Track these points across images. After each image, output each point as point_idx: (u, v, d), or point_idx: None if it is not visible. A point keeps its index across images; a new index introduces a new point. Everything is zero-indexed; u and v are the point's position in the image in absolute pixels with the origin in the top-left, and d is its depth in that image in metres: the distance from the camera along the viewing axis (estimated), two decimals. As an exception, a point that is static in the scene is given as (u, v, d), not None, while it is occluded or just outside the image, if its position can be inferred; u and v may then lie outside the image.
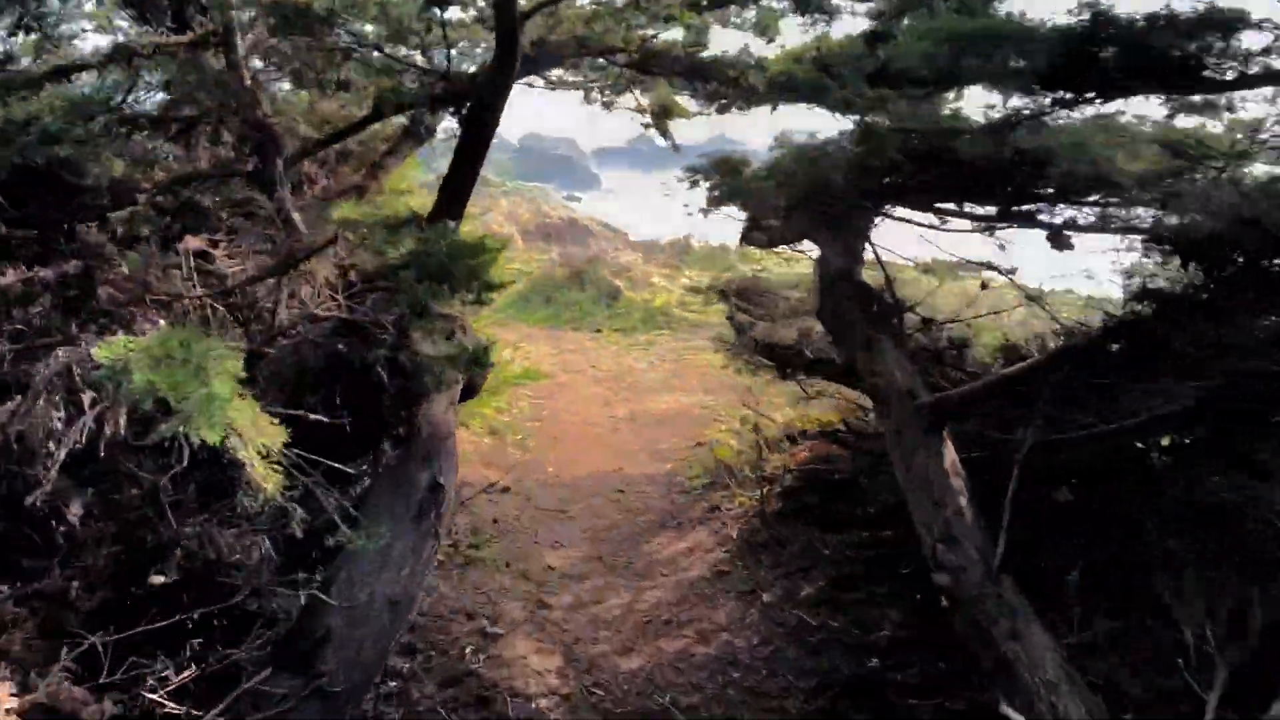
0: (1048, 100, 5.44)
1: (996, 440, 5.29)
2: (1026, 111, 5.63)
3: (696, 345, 14.61)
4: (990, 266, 6.48)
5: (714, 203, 8.68)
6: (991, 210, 6.83)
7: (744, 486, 8.53)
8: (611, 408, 11.66)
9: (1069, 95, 5.27)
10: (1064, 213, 6.84)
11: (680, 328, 15.71)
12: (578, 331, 15.82)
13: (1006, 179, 6.47)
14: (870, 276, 6.82)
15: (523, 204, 32.39)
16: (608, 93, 9.76)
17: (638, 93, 8.75)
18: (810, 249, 8.66)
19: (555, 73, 9.60)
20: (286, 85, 7.93)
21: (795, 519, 7.74)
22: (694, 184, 8.69)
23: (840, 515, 7.47)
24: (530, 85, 9.75)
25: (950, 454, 4.95)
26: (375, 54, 5.65)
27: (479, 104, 5.69)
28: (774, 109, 8.68)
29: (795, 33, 8.15)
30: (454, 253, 4.52)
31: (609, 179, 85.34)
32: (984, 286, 6.42)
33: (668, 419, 11.19)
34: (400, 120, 8.82)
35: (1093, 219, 6.87)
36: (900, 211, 6.73)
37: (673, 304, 16.39)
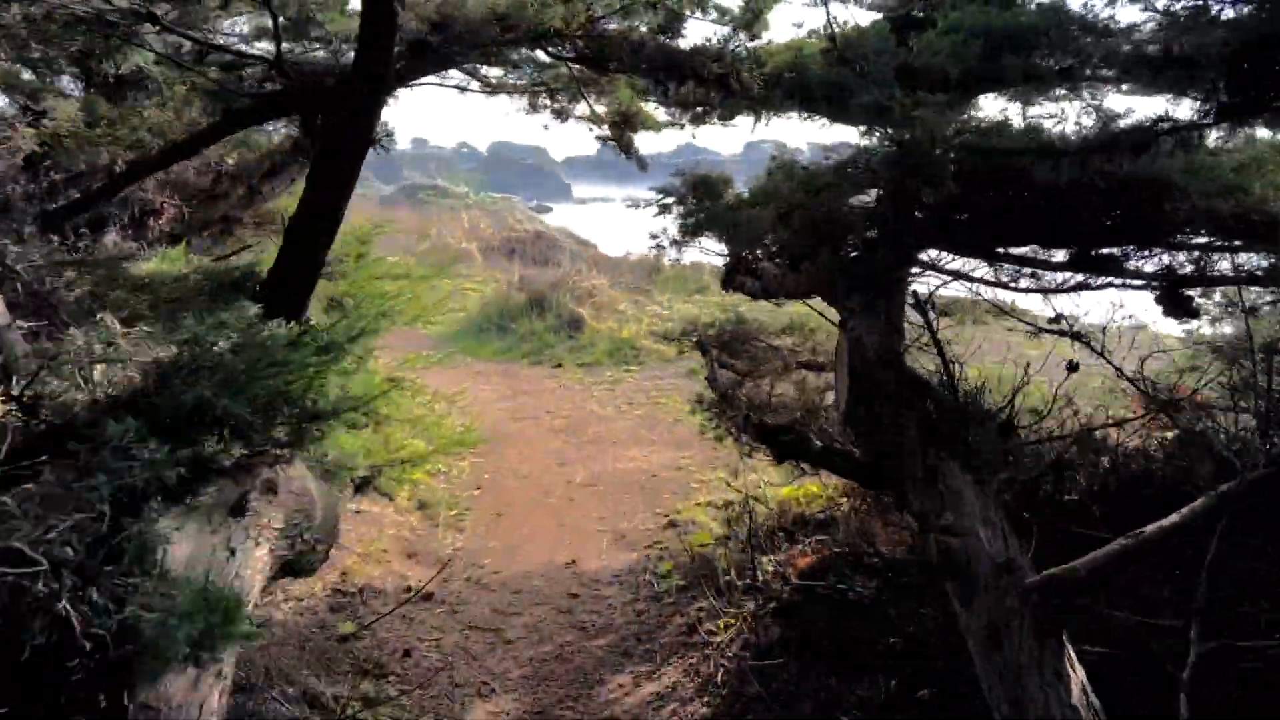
0: (1203, 110, 3.54)
1: (1127, 628, 3.33)
2: (1168, 124, 3.71)
3: (668, 385, 12.65)
4: (1075, 335, 4.54)
5: (688, 233, 6.77)
6: (1060, 256, 4.93)
7: (728, 594, 6.53)
8: (569, 468, 9.65)
9: (1246, 99, 3.34)
10: (1158, 258, 4.96)
11: (650, 362, 13.73)
12: (536, 366, 13.80)
13: (1098, 215, 4.56)
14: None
15: (486, 217, 30.40)
16: (560, 98, 7.76)
17: (593, 98, 6.75)
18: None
19: (493, 73, 7.60)
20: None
21: (798, 651, 5.75)
22: (663, 208, 6.79)
23: (859, 649, 5.50)
24: (462, 89, 7.75)
25: (1078, 676, 2.98)
26: (151, 30, 3.63)
27: (343, 109, 3.67)
28: (758, 120, 6.84)
29: (780, 30, 6.22)
30: (252, 363, 2.50)
31: (580, 190, 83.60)
32: (1073, 369, 4.47)
33: (634, 484, 9.19)
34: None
35: (1189, 267, 5.01)
36: (947, 262, 4.81)
37: (641, 335, 14.39)
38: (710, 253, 7.12)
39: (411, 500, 8.70)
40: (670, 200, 6.69)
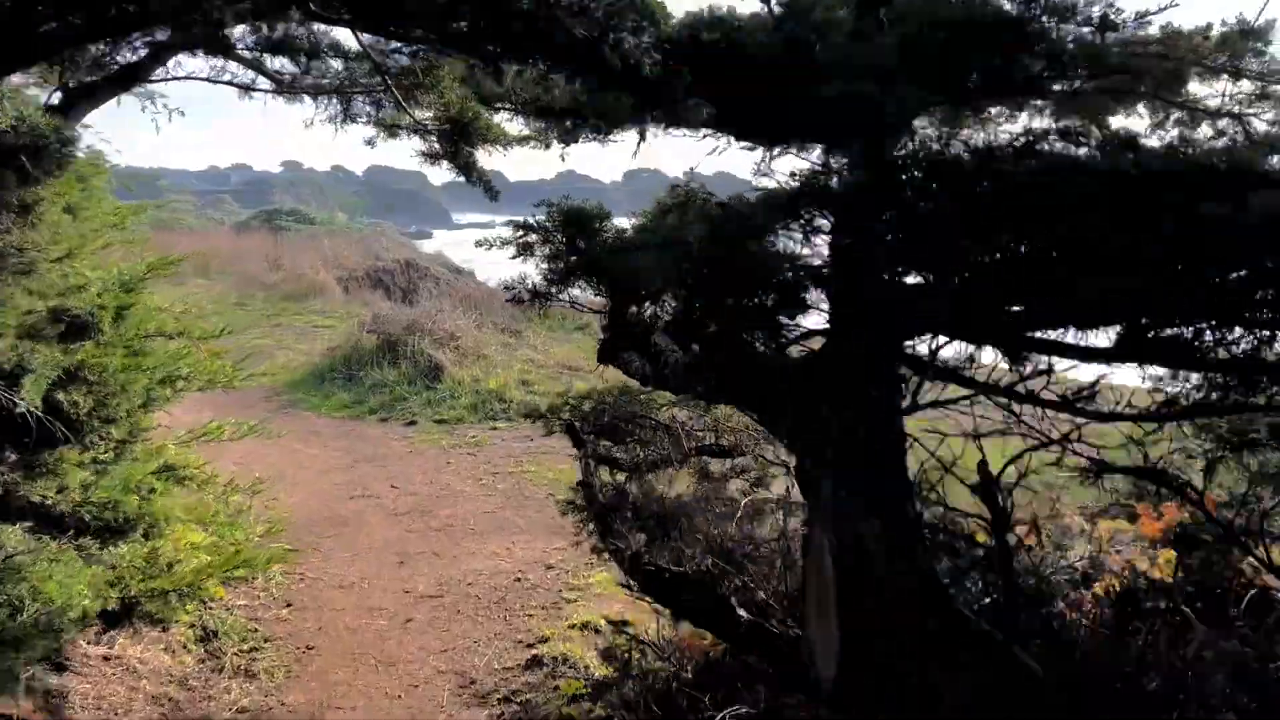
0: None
1: None
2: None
3: (540, 445, 10.58)
4: (1163, 479, 2.74)
5: (555, 281, 4.86)
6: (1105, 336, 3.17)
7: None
8: (410, 570, 7.48)
9: None
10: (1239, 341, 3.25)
11: (520, 416, 11.64)
12: (385, 424, 11.54)
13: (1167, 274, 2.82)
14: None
15: (352, 245, 27.79)
16: (386, 106, 5.71)
17: (417, 104, 4.74)
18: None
19: (284, 66, 5.52)
20: None
21: None
22: (524, 249, 4.83)
23: None
24: (246, 88, 5.63)
25: None
26: None
27: None
28: (643, 137, 5.12)
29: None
30: None
31: (460, 215, 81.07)
32: (1189, 541, 2.66)
33: (492, 593, 7.11)
34: None
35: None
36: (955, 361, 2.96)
37: (511, 384, 12.31)
38: (583, 309, 5.17)
39: (195, 628, 6.40)
40: (532, 239, 4.76)
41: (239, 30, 4.93)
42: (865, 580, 2.14)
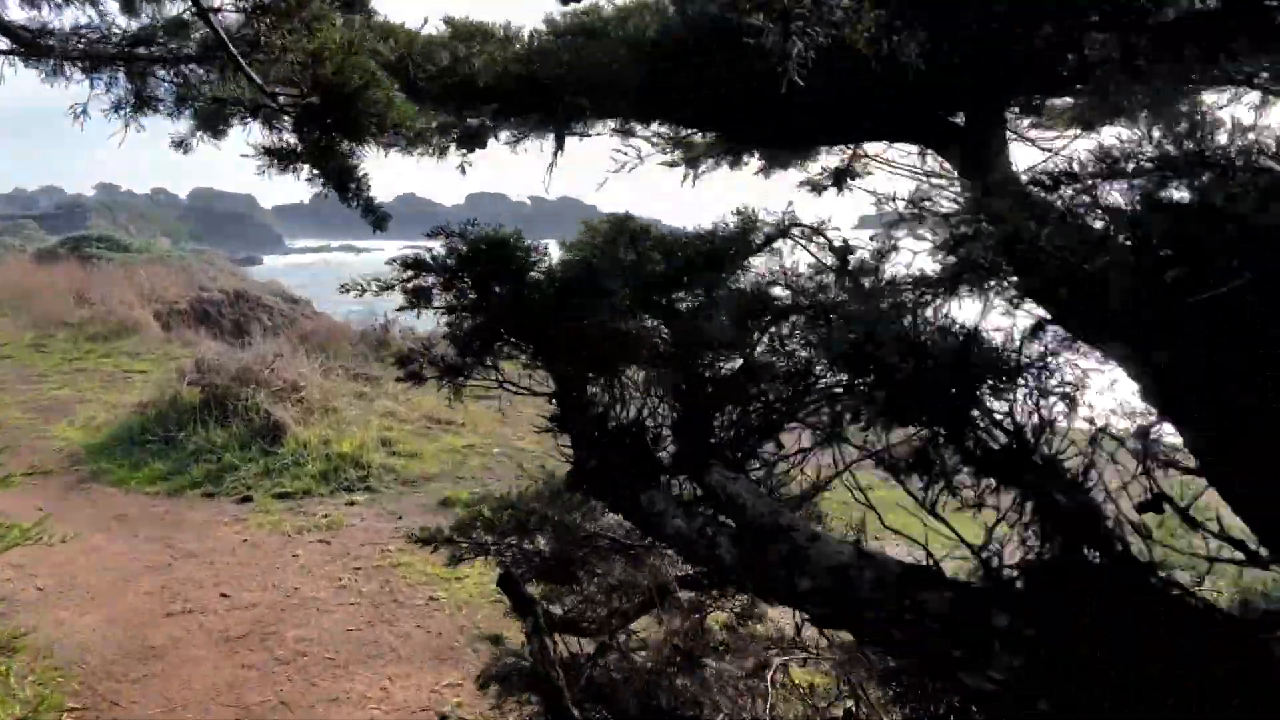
0: None
1: None
2: None
3: (412, 523, 8.47)
4: None
5: (472, 348, 3.10)
6: None
7: None
8: (249, 730, 5.31)
9: None
10: None
11: (383, 485, 9.52)
12: (213, 500, 9.12)
13: None
14: None
15: (173, 275, 24.40)
16: (202, 83, 3.75)
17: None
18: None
19: (34, 19, 3.44)
20: None
21: None
22: (418, 296, 2.98)
23: None
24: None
25: None
26: None
27: None
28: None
29: None
30: None
31: (293, 240, 76.28)
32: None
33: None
34: None
35: None
36: None
37: (369, 445, 10.10)
38: (523, 391, 3.33)
39: None
40: (429, 281, 2.98)
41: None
42: None
